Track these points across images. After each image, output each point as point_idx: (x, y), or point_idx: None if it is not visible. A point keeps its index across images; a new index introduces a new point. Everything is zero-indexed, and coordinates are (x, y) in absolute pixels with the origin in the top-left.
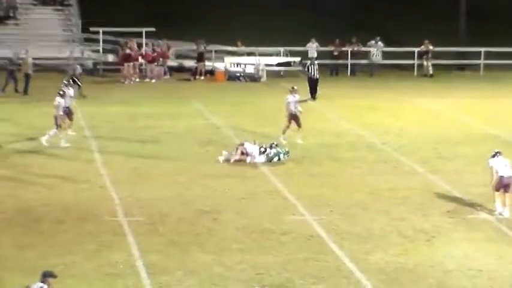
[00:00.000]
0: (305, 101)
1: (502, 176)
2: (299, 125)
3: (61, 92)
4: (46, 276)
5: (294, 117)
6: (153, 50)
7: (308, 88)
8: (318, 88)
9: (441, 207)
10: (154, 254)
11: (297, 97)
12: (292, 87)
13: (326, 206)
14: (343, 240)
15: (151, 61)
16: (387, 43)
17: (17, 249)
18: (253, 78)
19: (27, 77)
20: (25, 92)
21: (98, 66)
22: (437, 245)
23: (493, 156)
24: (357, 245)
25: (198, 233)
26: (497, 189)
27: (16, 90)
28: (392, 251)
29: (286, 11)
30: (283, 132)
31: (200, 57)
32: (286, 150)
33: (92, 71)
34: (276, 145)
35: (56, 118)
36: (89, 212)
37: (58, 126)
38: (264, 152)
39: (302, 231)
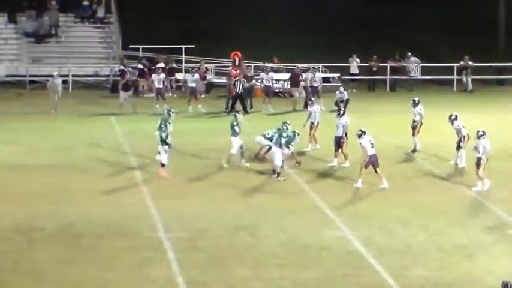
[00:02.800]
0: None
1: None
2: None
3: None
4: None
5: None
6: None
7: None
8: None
9: (481, 223)
10: (194, 269)
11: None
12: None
13: (365, 221)
14: (382, 256)
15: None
16: (424, 58)
17: (58, 265)
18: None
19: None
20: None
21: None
22: (477, 261)
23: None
24: (396, 260)
25: (237, 248)
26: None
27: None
28: (432, 266)
29: (318, 26)
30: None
31: None
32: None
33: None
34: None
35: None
36: (129, 227)
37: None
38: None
39: (341, 246)
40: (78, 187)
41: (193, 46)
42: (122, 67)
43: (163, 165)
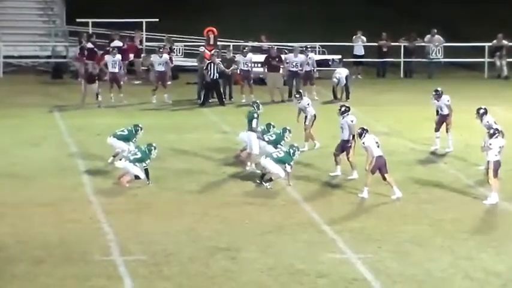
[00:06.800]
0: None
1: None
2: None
3: None
4: None
5: None
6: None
7: None
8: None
9: None
10: None
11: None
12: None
13: (373, 241)
14: (395, 285)
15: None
16: (450, 37)
17: None
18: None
19: None
20: None
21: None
22: None
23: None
24: None
25: (213, 275)
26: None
27: None
28: None
29: None
30: None
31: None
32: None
33: (78, 73)
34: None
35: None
36: (75, 250)
37: None
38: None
39: (343, 273)
40: (11, 198)
41: (157, 20)
42: (90, 44)
43: (137, 177)
